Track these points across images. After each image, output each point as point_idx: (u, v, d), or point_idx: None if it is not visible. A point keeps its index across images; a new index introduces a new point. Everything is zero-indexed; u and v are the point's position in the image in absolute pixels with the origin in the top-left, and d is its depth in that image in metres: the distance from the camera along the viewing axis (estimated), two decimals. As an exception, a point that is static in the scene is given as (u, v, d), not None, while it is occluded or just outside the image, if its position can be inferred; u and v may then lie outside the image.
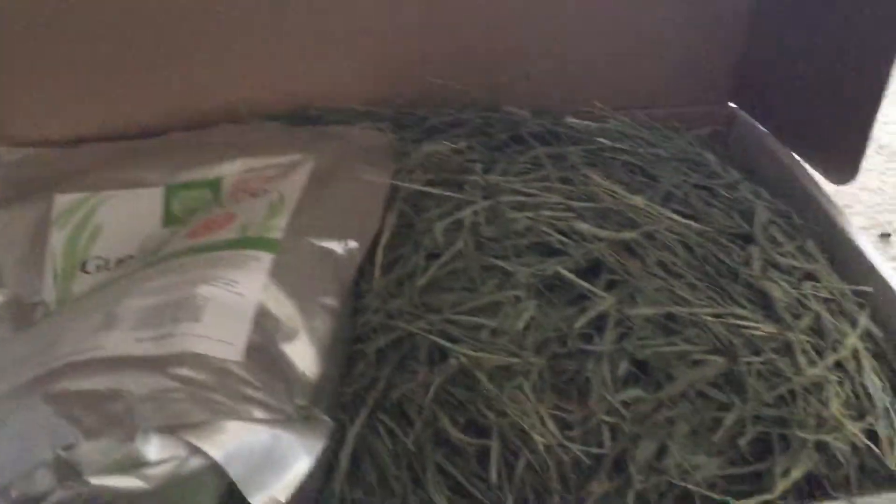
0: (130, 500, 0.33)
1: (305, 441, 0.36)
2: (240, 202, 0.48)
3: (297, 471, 0.35)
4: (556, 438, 0.39)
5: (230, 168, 0.52)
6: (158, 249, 0.46)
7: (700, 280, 0.46)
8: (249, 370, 0.37)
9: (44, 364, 0.37)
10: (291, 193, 0.48)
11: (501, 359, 0.40)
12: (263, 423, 0.35)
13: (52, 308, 0.46)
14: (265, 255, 0.43)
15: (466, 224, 0.46)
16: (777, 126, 0.62)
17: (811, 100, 0.58)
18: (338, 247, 0.45)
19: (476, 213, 0.47)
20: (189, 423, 0.34)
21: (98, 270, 0.47)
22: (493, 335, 0.42)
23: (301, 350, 0.40)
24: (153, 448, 0.33)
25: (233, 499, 0.34)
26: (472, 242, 0.46)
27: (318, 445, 0.36)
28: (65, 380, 0.36)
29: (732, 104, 0.66)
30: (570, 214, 0.48)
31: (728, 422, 0.40)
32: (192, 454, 0.33)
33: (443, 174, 0.51)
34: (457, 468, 0.39)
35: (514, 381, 0.40)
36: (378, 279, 0.45)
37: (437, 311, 0.42)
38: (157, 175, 0.52)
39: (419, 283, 0.44)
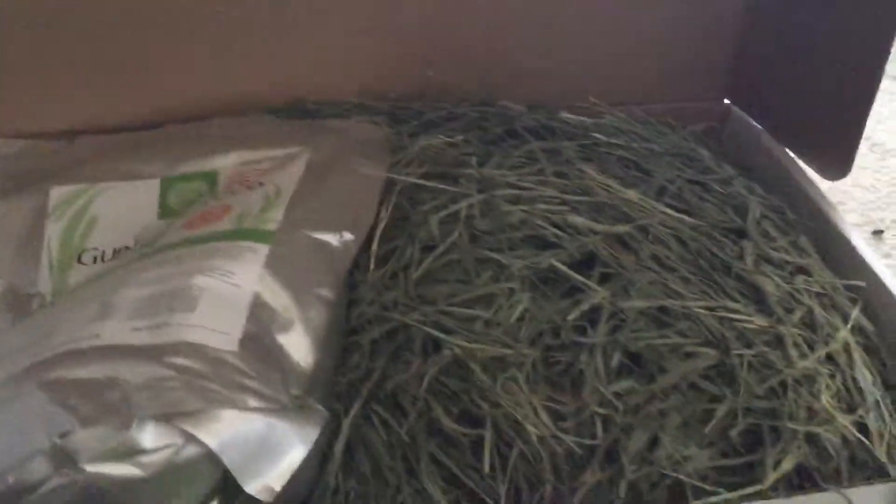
0: (126, 488, 0.33)
1: (300, 430, 0.36)
2: (236, 194, 0.48)
3: (292, 459, 0.35)
4: (549, 429, 0.39)
5: (226, 160, 0.52)
6: (154, 241, 0.46)
7: (693, 274, 0.46)
8: (244, 360, 0.38)
9: (40, 353, 0.37)
10: (287, 186, 0.48)
11: (495, 350, 0.41)
12: (258, 412, 0.35)
13: (49, 299, 0.46)
14: (261, 247, 0.43)
15: (461, 217, 0.47)
16: (771, 123, 0.63)
17: (805, 97, 0.58)
18: (333, 239, 0.45)
19: (471, 206, 0.47)
20: (184, 412, 0.34)
21: (94, 262, 0.47)
22: (487, 327, 0.42)
23: (296, 340, 0.40)
24: (149, 436, 0.33)
25: (228, 487, 0.34)
26: (467, 235, 0.46)
27: (313, 434, 0.36)
28: (61, 368, 0.36)
29: (727, 101, 0.67)
30: (565, 208, 0.48)
31: (719, 414, 0.40)
32: (188, 442, 0.33)
33: (438, 167, 0.51)
34: (450, 458, 0.39)
35: (508, 373, 0.40)
36: (373, 271, 0.45)
37: (432, 303, 0.43)
38: (154, 167, 0.52)
39: (414, 275, 0.44)
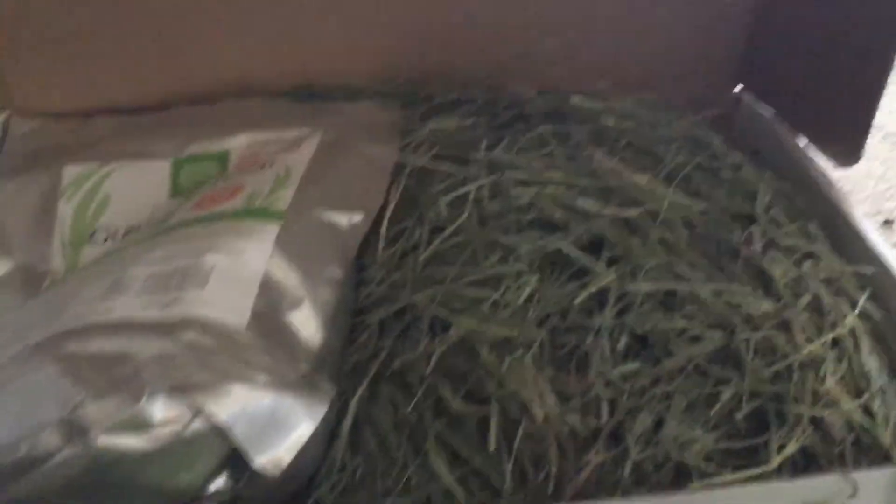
0: (136, 460, 0.33)
1: (308, 406, 0.36)
2: (247, 174, 0.49)
3: (300, 434, 0.36)
4: (555, 409, 0.39)
5: (237, 142, 0.52)
6: (166, 220, 0.47)
7: (701, 258, 0.46)
8: (254, 336, 0.38)
9: (52, 327, 0.38)
10: (298, 166, 0.48)
11: (502, 331, 0.41)
12: (267, 388, 0.35)
13: (61, 276, 0.46)
14: (271, 226, 0.43)
15: (470, 199, 0.47)
16: (783, 109, 0.62)
17: (817, 83, 0.58)
18: (342, 219, 0.46)
19: (480, 189, 0.47)
20: (194, 386, 0.34)
21: (106, 240, 0.48)
22: (495, 308, 0.42)
23: (305, 318, 0.40)
24: (159, 409, 0.33)
25: (236, 460, 0.35)
26: (476, 217, 0.46)
27: (321, 411, 0.37)
28: (73, 342, 0.36)
29: (739, 87, 0.67)
30: (573, 191, 0.48)
31: (725, 397, 0.41)
32: (197, 416, 0.34)
33: (448, 150, 0.51)
34: (456, 437, 0.40)
35: (515, 354, 0.40)
36: (382, 251, 0.46)
37: (440, 284, 0.43)
38: (166, 147, 0.52)
39: (422, 256, 0.44)
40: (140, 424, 0.33)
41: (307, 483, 0.39)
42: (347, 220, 0.46)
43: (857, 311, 0.45)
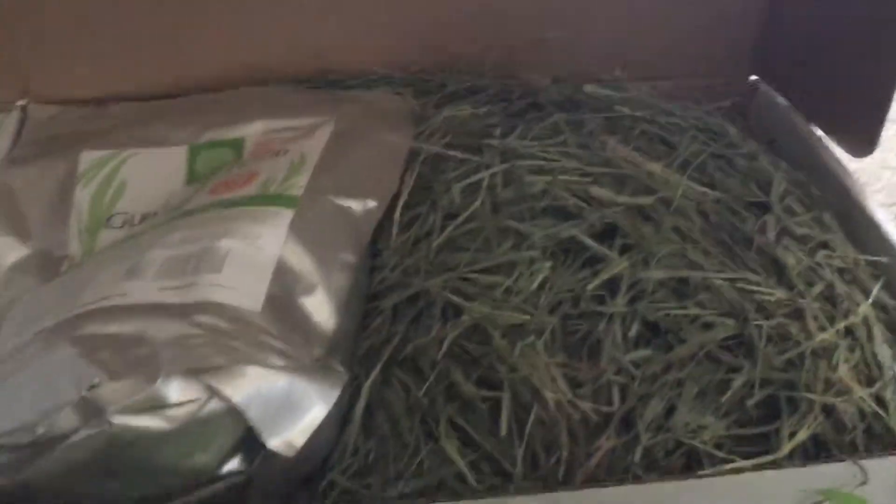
0: (152, 440, 0.34)
1: (321, 389, 0.37)
2: (262, 161, 0.49)
3: (313, 417, 0.36)
4: (566, 395, 0.39)
5: (253, 128, 0.52)
6: (182, 205, 0.47)
7: (714, 246, 0.46)
8: (268, 320, 0.38)
9: (69, 310, 0.38)
10: (312, 153, 0.48)
11: (514, 316, 0.41)
12: (281, 370, 0.36)
13: (78, 261, 0.47)
14: (285, 212, 0.44)
15: (484, 186, 0.47)
16: (799, 99, 0.62)
17: (833, 73, 0.58)
18: (356, 205, 0.46)
19: (493, 176, 0.48)
20: (209, 368, 0.34)
21: (122, 226, 0.48)
22: (507, 294, 0.42)
23: (318, 303, 0.41)
24: (174, 390, 0.34)
25: (250, 442, 0.35)
26: (489, 204, 0.46)
27: (334, 394, 0.37)
28: (90, 324, 0.37)
29: (755, 77, 0.66)
30: (587, 179, 0.48)
31: (737, 384, 0.41)
32: (212, 397, 0.34)
33: (462, 138, 0.51)
34: (468, 422, 0.40)
35: (527, 339, 0.41)
36: (396, 237, 0.46)
37: (453, 270, 0.43)
38: (182, 134, 0.53)
39: (436, 243, 0.45)
40: (156, 405, 0.34)
41: (321, 465, 0.39)
42: (361, 207, 0.46)
43: (871, 301, 0.45)
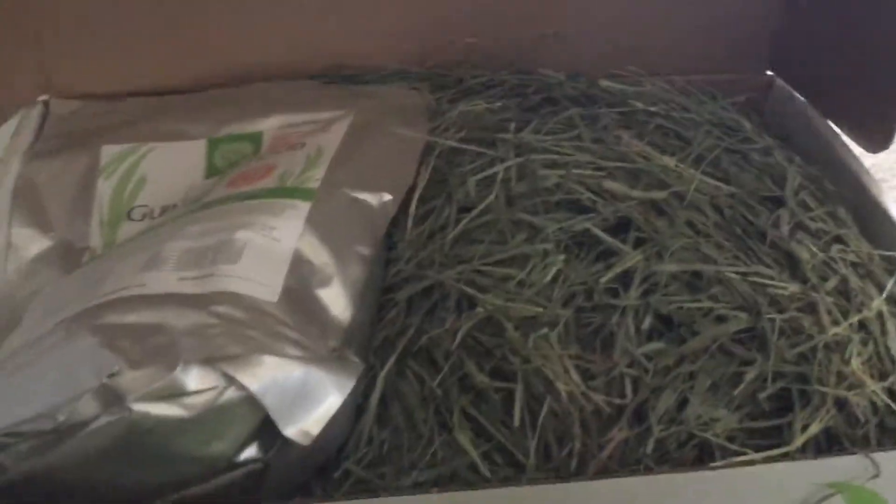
0: (170, 427, 0.34)
1: (337, 379, 0.37)
2: (279, 155, 0.50)
3: (329, 406, 0.36)
4: (579, 387, 0.40)
5: (270, 123, 0.53)
6: (201, 198, 0.48)
7: (728, 240, 0.46)
8: (284, 311, 0.39)
9: (90, 300, 0.39)
10: (329, 147, 0.49)
11: (528, 308, 0.41)
12: (297, 360, 0.36)
13: (99, 253, 0.48)
14: (302, 204, 0.44)
15: (498, 179, 0.47)
16: (814, 94, 0.62)
17: (848, 68, 0.58)
18: (372, 198, 0.46)
19: (508, 170, 0.48)
20: (226, 357, 0.35)
21: (143, 218, 0.49)
22: (521, 286, 0.43)
23: (334, 295, 0.41)
24: (193, 379, 0.34)
25: (267, 431, 0.36)
26: (504, 197, 0.47)
27: (349, 384, 0.37)
28: (110, 314, 0.38)
29: (770, 72, 0.66)
30: (601, 173, 0.48)
31: (749, 377, 0.41)
32: (229, 385, 0.35)
33: (477, 132, 0.52)
34: (482, 413, 0.40)
35: (540, 331, 0.41)
36: (411, 230, 0.46)
37: (467, 262, 0.44)
38: (201, 128, 0.53)
39: (450, 235, 0.45)
40: (174, 393, 0.34)
41: (335, 455, 0.39)
42: (377, 200, 0.46)
43: (885, 295, 0.45)
